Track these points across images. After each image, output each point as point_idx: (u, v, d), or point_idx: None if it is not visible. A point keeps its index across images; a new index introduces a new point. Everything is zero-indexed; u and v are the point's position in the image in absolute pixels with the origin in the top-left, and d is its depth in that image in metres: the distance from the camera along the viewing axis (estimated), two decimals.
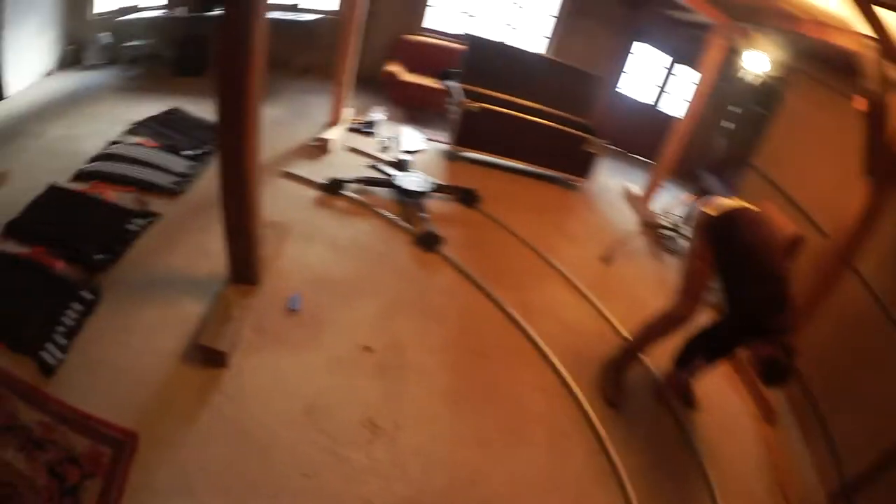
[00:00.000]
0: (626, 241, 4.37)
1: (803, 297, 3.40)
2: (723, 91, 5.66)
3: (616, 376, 3.09)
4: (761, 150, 5.22)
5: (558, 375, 2.96)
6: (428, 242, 3.51)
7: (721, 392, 3.53)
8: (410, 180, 3.94)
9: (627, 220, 5.24)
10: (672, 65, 7.04)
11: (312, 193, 3.73)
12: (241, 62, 2.17)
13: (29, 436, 1.88)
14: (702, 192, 5.14)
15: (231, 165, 2.35)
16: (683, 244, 4.53)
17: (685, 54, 6.70)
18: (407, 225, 3.66)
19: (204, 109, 4.24)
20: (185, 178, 3.49)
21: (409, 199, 3.87)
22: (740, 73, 4.53)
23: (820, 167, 4.32)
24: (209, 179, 3.44)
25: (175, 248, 2.94)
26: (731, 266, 2.76)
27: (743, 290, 2.64)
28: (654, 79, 7.20)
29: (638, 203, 5.51)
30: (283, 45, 5.97)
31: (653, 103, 7.33)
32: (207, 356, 2.29)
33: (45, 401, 2.00)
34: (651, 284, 4.07)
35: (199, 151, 3.77)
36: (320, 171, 3.91)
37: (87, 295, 2.48)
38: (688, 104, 5.16)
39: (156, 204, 3.23)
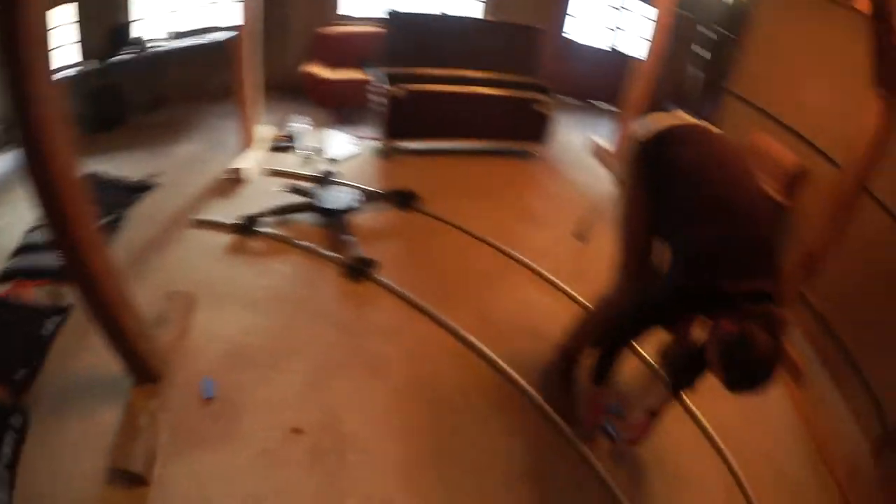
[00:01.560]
0: (603, 206, 3.70)
1: (818, 234, 3.09)
2: (687, 16, 5.13)
3: (564, 384, 2.53)
4: (738, 73, 4.65)
5: (534, 404, 2.48)
6: (357, 271, 2.99)
7: None
8: (333, 197, 3.41)
9: (601, 180, 4.62)
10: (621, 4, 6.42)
11: (226, 239, 3.22)
12: (40, 132, 1.63)
13: None
14: None
15: (73, 262, 1.89)
16: None
17: None
18: (333, 254, 3.12)
19: (122, 166, 3.79)
20: None
21: (333, 220, 3.33)
22: None
23: (817, 85, 3.75)
24: (122, 251, 3.00)
25: (88, 345, 2.52)
26: (674, 202, 1.97)
27: (692, 229, 1.85)
28: (605, 19, 6.61)
29: (609, 158, 4.92)
30: (198, 71, 5.46)
31: (609, 46, 6.74)
32: (126, 475, 2.01)
33: None
34: None
35: (113, 218, 3.28)
36: (235, 209, 3.39)
37: (16, 421, 2.22)
38: (650, 39, 4.58)
39: (69, 292, 2.81)
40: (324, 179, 3.69)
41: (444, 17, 5.01)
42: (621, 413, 2.51)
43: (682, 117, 2.12)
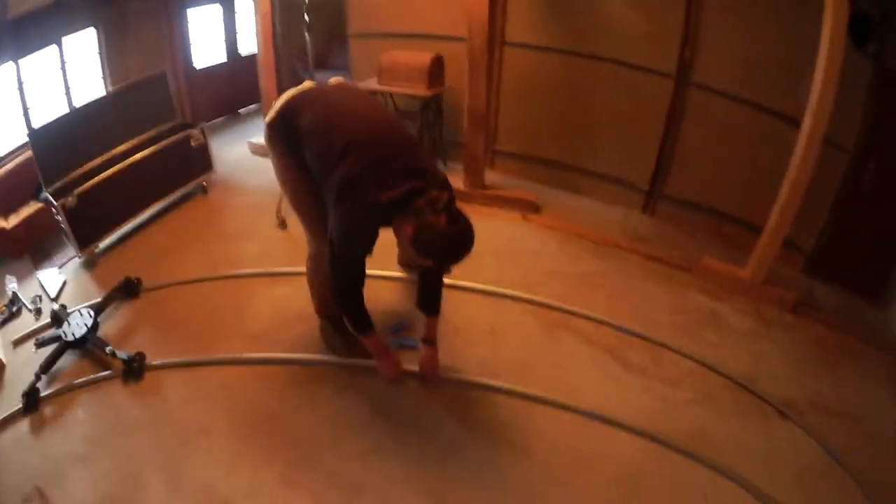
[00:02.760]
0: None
1: (476, 97, 3.82)
2: None
3: (342, 336, 2.98)
4: (352, 17, 5.35)
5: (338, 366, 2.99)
6: (133, 371, 3.20)
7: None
8: (74, 326, 3.51)
9: (272, 172, 5.11)
10: (227, 10, 6.92)
11: (24, 426, 3.09)
12: None
13: None
14: None
15: None
16: None
17: None
18: (107, 372, 3.28)
19: None
20: None
21: (90, 344, 3.46)
22: None
23: None
24: None
25: None
26: (313, 160, 2.34)
27: (333, 173, 2.15)
28: (218, 33, 7.05)
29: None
30: None
31: (230, 54, 7.26)
32: None
33: None
34: None
35: None
36: (13, 395, 3.26)
37: None
38: (255, 30, 5.06)
39: None
40: (58, 316, 3.74)
41: (79, 110, 5.05)
42: (407, 324, 3.07)
43: (303, 86, 2.53)
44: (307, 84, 2.62)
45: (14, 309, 4.21)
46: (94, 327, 3.51)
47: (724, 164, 3.71)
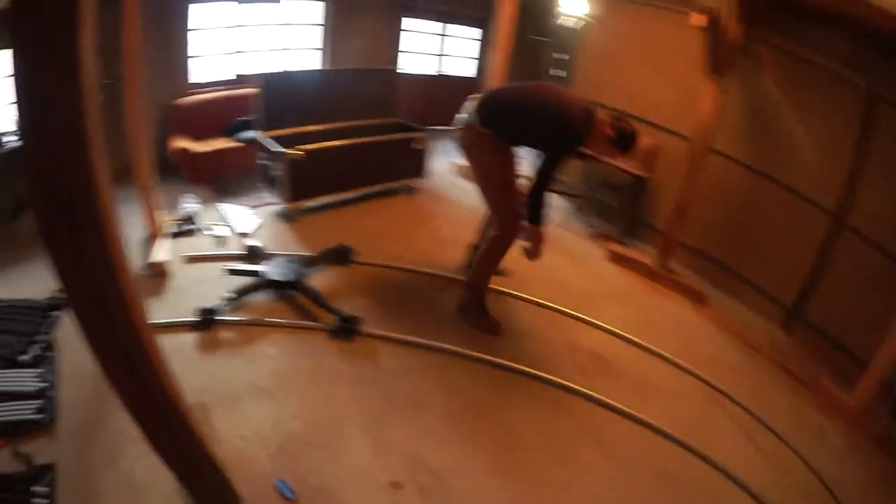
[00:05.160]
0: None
1: (681, 190, 4.29)
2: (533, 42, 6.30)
3: (485, 312, 3.43)
4: (576, 85, 5.81)
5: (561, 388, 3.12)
6: (347, 330, 3.19)
7: (651, 301, 4.23)
8: (279, 269, 3.50)
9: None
10: (445, 28, 7.31)
11: (188, 339, 3.01)
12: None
13: None
14: None
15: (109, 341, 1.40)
16: None
17: (456, 15, 7.16)
18: (310, 322, 3.25)
19: (13, 285, 3.19)
20: (47, 397, 2.50)
21: (292, 290, 3.46)
22: (557, 20, 4.72)
23: (657, 82, 4.98)
24: (76, 383, 2.58)
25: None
26: (525, 125, 3.05)
27: (545, 107, 3.02)
28: (430, 47, 7.40)
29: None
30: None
31: (436, 72, 7.58)
32: None
33: None
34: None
35: (41, 348, 2.76)
36: (176, 305, 3.23)
37: None
38: (493, 58, 5.40)
39: (36, 448, 2.26)
40: (254, 253, 3.75)
41: (314, 73, 5.29)
42: None
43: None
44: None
45: (190, 227, 4.17)
46: (304, 276, 3.51)
47: (866, 311, 3.79)
